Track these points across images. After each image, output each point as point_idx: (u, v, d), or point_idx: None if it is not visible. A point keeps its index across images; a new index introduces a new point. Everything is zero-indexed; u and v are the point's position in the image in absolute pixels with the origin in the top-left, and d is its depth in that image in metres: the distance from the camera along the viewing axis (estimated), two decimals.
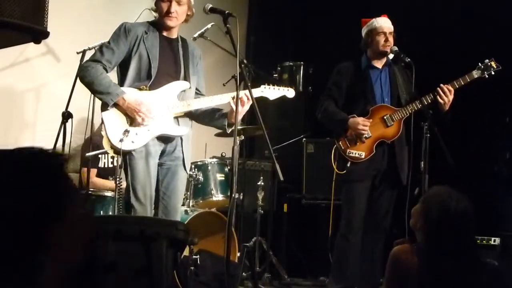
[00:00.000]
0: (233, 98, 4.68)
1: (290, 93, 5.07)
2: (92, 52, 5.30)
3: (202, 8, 4.55)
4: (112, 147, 4.60)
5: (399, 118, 5.48)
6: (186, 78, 4.83)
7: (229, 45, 4.55)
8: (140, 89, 4.66)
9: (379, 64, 5.67)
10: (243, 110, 4.66)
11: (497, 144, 6.89)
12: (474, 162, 6.72)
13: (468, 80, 5.47)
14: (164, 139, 4.75)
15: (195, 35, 5.45)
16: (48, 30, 4.81)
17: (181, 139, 4.82)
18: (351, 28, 6.17)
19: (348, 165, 5.44)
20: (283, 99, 5.12)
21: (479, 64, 5.51)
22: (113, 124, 4.59)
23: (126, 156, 4.61)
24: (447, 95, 5.36)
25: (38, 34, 3.69)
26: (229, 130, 4.91)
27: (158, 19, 4.80)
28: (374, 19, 5.67)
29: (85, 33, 6.28)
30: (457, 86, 5.43)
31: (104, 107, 4.61)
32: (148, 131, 4.63)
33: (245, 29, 8.50)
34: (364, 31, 5.71)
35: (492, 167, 6.80)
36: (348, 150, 5.44)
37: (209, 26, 5.41)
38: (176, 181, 4.82)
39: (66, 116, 5.23)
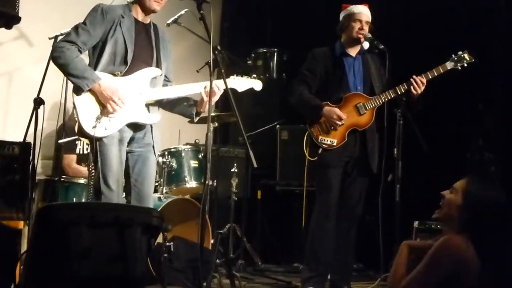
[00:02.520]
0: (205, 87, 4.68)
1: (257, 85, 5.06)
2: None
3: None
4: (85, 133, 4.55)
5: (372, 106, 5.49)
6: (159, 64, 4.80)
7: (203, 32, 4.53)
8: (114, 75, 4.61)
9: (353, 52, 5.67)
10: (213, 99, 4.62)
11: (470, 131, 6.94)
12: (447, 148, 6.77)
13: (441, 71, 5.51)
14: (134, 126, 4.72)
15: (169, 21, 5.43)
16: (21, 14, 4.78)
17: (151, 125, 4.80)
18: (326, 15, 6.19)
19: (319, 151, 5.45)
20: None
21: (453, 55, 5.55)
22: (86, 110, 4.53)
23: (97, 142, 4.56)
24: (420, 86, 5.41)
25: (10, 19, 3.66)
26: (196, 119, 4.91)
27: (138, 2, 4.74)
28: (354, 5, 5.66)
29: (58, 18, 6.23)
30: (430, 77, 5.47)
31: (77, 91, 4.54)
32: (121, 118, 4.59)
33: (220, 15, 8.49)
34: (342, 15, 5.70)
35: (464, 154, 6.84)
36: (320, 137, 5.45)
37: (182, 12, 5.39)
38: (148, 167, 4.79)
39: (38, 102, 5.16)
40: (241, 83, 4.96)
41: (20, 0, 5.00)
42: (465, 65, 5.54)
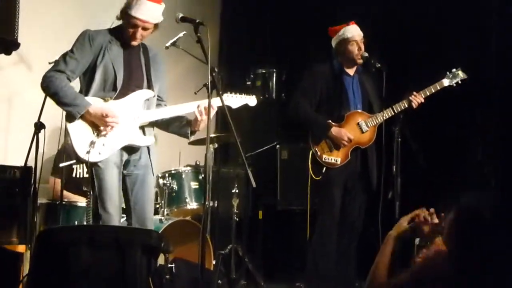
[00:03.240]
0: (198, 106, 4.70)
1: (252, 101, 5.10)
2: None
3: (173, 17, 4.56)
4: (80, 159, 4.58)
5: (374, 124, 5.56)
6: (150, 86, 4.81)
7: (201, 53, 4.57)
8: (105, 100, 4.63)
9: (351, 71, 5.74)
10: (206, 119, 4.63)
11: (468, 147, 6.95)
12: (446, 165, 6.78)
13: (438, 88, 5.59)
14: (129, 149, 4.73)
15: (167, 44, 5.46)
16: (20, 39, 4.83)
17: (147, 147, 4.81)
18: (323, 35, 6.22)
19: (324, 170, 5.47)
20: (256, 105, 5.15)
21: (448, 73, 5.63)
22: (79, 136, 4.56)
23: (93, 166, 4.58)
24: (418, 103, 5.48)
25: (9, 45, 3.70)
26: (191, 138, 4.94)
27: (123, 31, 4.76)
28: (343, 28, 5.71)
29: (57, 43, 6.23)
30: (428, 94, 5.54)
31: (70, 119, 4.58)
32: (114, 142, 4.61)
33: (218, 36, 8.52)
34: (335, 41, 5.75)
35: (463, 170, 6.86)
36: (324, 156, 5.49)
37: (181, 35, 5.42)
38: (146, 189, 4.80)
39: (39, 126, 5.21)
40: (235, 100, 4.99)
41: (19, 25, 5.06)
42: (459, 82, 5.62)
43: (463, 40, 6.88)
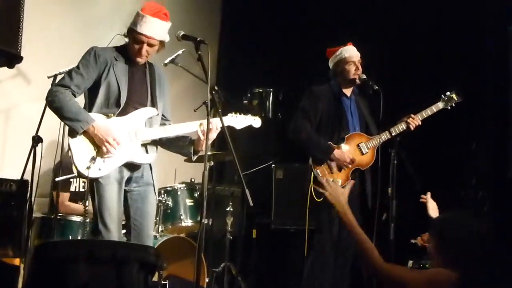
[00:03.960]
0: (200, 125, 4.72)
1: (256, 122, 5.12)
2: None
3: (174, 34, 4.58)
4: (80, 174, 4.59)
5: (373, 146, 5.60)
6: (154, 104, 4.83)
7: (200, 71, 4.58)
8: (108, 116, 4.65)
9: (348, 92, 5.77)
10: (210, 137, 4.65)
11: (463, 170, 6.99)
12: (441, 187, 6.80)
13: (435, 110, 5.65)
14: (131, 166, 4.74)
15: (166, 61, 5.48)
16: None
17: (150, 164, 4.82)
18: (320, 55, 6.25)
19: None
20: (252, 126, 5.16)
21: (442, 96, 5.69)
22: (81, 151, 4.57)
23: (93, 182, 4.59)
24: (416, 125, 5.53)
25: (12, 58, 3.71)
26: (194, 158, 4.93)
27: (128, 48, 4.80)
28: (341, 49, 5.75)
29: (56, 57, 6.28)
30: (425, 116, 5.60)
31: (72, 134, 4.58)
32: (115, 159, 4.62)
33: (216, 55, 8.56)
34: (332, 62, 5.79)
35: (458, 193, 6.89)
36: (325, 178, 5.48)
37: (180, 52, 5.45)
38: (147, 207, 4.81)
39: (37, 140, 5.21)
40: (239, 121, 5.01)
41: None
42: (454, 105, 5.68)
43: (458, 63, 6.93)
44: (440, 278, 3.26)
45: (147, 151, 4.79)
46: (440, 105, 5.73)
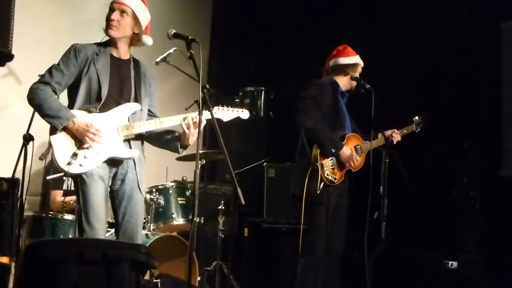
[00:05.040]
0: (184, 119, 4.70)
1: (244, 114, 5.06)
2: None
3: (165, 33, 4.57)
4: (60, 170, 4.54)
5: (366, 150, 5.63)
6: (137, 99, 4.77)
7: (192, 70, 4.55)
8: (89, 112, 4.59)
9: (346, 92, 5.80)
10: (196, 132, 4.65)
11: (455, 169, 7.01)
12: (432, 186, 6.83)
13: (410, 131, 5.93)
14: (114, 162, 4.68)
15: (158, 60, 5.48)
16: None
17: (134, 162, 4.76)
18: (311, 53, 6.26)
19: (321, 186, 5.45)
20: (244, 123, 5.15)
21: (414, 119, 5.97)
22: (61, 148, 4.51)
23: (77, 179, 4.55)
24: (398, 140, 5.71)
25: (3, 56, 3.70)
26: (182, 152, 4.88)
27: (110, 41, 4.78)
28: (357, 55, 5.77)
29: (47, 56, 6.21)
30: (404, 134, 5.86)
31: (53, 131, 4.55)
32: (97, 154, 4.56)
33: (207, 54, 8.56)
34: (350, 59, 5.75)
35: (450, 191, 6.91)
36: (326, 172, 5.49)
37: (171, 51, 5.45)
38: (134, 205, 4.75)
39: (28, 138, 5.20)
40: (226, 113, 4.96)
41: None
42: (421, 126, 5.84)
43: (451, 61, 6.95)
44: None
45: (130, 146, 4.73)
46: (413, 127, 5.98)
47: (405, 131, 5.86)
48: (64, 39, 6.48)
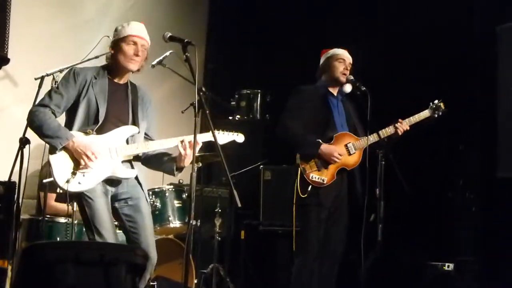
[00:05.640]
0: (181, 142, 4.71)
1: (239, 138, 5.11)
2: (50, 78, 5.32)
3: (161, 36, 4.57)
4: (59, 188, 4.58)
5: (361, 147, 5.59)
6: (135, 123, 4.81)
7: (187, 73, 4.56)
8: (86, 133, 4.63)
9: (335, 92, 5.76)
10: (190, 154, 4.65)
11: (451, 171, 7.02)
12: (429, 189, 6.84)
13: (422, 118, 5.68)
14: (113, 182, 4.72)
15: (154, 63, 5.49)
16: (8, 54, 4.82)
17: (138, 180, 4.82)
18: (308, 56, 6.27)
19: (309, 189, 5.48)
20: (241, 126, 5.17)
21: (430, 103, 5.72)
22: (60, 167, 4.56)
23: (80, 198, 4.59)
24: (403, 131, 5.56)
25: None
26: (177, 175, 4.91)
27: (114, 63, 4.79)
28: (334, 49, 5.77)
29: (43, 59, 6.27)
30: (413, 122, 5.63)
31: (52, 151, 4.58)
32: (95, 174, 4.60)
33: (203, 56, 8.56)
34: (323, 58, 5.79)
35: (446, 194, 6.92)
36: (311, 174, 5.49)
37: (167, 53, 5.45)
38: (143, 219, 4.76)
39: (24, 142, 5.20)
40: (222, 137, 4.99)
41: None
42: (441, 113, 5.72)
43: (447, 64, 6.97)
44: None
45: (132, 167, 4.79)
46: (426, 113, 5.76)
47: (415, 118, 5.73)
48: (60, 41, 6.53)
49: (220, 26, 8.85)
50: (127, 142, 4.76)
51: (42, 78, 5.52)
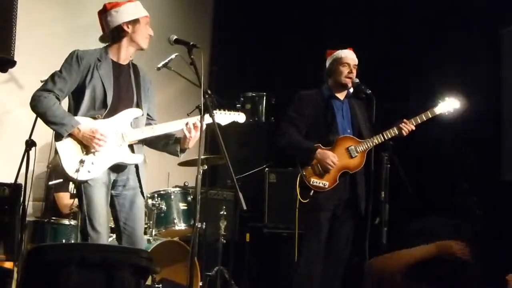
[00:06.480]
0: (186, 124, 4.74)
1: (240, 117, 5.11)
2: None
3: (166, 38, 4.59)
4: (68, 177, 4.57)
5: (363, 149, 5.58)
6: (139, 104, 4.82)
7: (193, 75, 4.58)
8: (94, 118, 4.63)
9: (340, 95, 5.76)
10: (196, 136, 4.70)
11: (454, 174, 7.01)
12: (432, 192, 6.82)
13: (430, 116, 5.65)
14: (118, 168, 4.72)
15: (159, 65, 5.48)
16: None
17: (136, 167, 4.80)
18: (312, 59, 6.27)
19: (311, 193, 5.49)
20: (245, 128, 5.17)
21: (440, 101, 5.69)
22: (68, 154, 4.54)
23: (81, 185, 4.57)
24: (409, 130, 5.54)
25: (5, 63, 3.72)
26: (181, 156, 4.94)
27: (125, 42, 4.80)
28: (340, 50, 5.76)
29: (48, 61, 6.24)
30: (419, 122, 5.60)
31: (58, 138, 4.57)
32: (104, 160, 4.60)
33: (208, 59, 8.57)
34: (328, 61, 5.79)
35: (449, 198, 6.90)
36: (312, 179, 5.49)
37: (173, 56, 5.45)
38: (136, 210, 4.78)
39: (30, 144, 5.22)
40: (224, 117, 5.01)
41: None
42: (452, 111, 5.67)
43: (450, 66, 6.95)
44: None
45: (133, 151, 4.77)
46: (436, 110, 5.72)
47: (421, 117, 5.68)
48: (64, 43, 6.54)
49: (225, 28, 8.86)
50: (131, 125, 4.76)
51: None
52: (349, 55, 5.72)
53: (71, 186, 6.26)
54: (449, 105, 5.72)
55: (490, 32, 6.81)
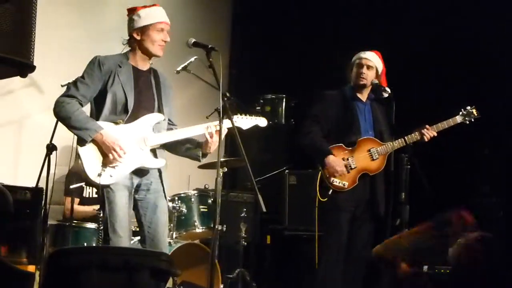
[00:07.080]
0: (207, 128, 4.74)
1: (262, 122, 5.11)
2: None
3: (184, 41, 4.60)
4: (91, 182, 4.62)
5: (385, 152, 5.58)
6: (160, 109, 4.84)
7: (212, 78, 4.59)
8: (116, 123, 4.66)
9: (363, 97, 5.76)
10: (217, 140, 4.68)
11: (476, 177, 6.96)
12: (454, 194, 6.78)
13: (452, 124, 5.67)
14: (140, 172, 4.75)
15: (178, 68, 5.52)
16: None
17: (159, 171, 4.83)
18: (333, 61, 6.26)
19: (330, 192, 5.49)
20: (265, 131, 5.17)
21: (462, 110, 5.71)
22: (91, 159, 4.58)
23: (104, 189, 4.60)
24: (431, 136, 5.53)
25: (25, 68, 3.74)
26: (202, 160, 4.96)
27: (139, 50, 4.81)
28: (362, 51, 5.76)
29: (68, 66, 6.30)
30: (441, 128, 5.60)
31: (81, 143, 4.60)
32: (125, 165, 4.63)
33: (227, 61, 8.58)
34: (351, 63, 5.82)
35: (472, 200, 6.85)
36: (332, 179, 5.50)
37: (192, 59, 5.48)
38: (159, 214, 4.80)
39: (51, 148, 5.25)
40: (245, 121, 5.01)
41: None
42: (473, 120, 5.69)
43: (471, 68, 6.92)
44: None
45: (156, 156, 4.80)
46: (458, 119, 5.73)
47: (443, 125, 5.69)
48: (84, 48, 6.58)
49: (243, 30, 8.87)
50: (153, 130, 4.77)
51: (68, 85, 5.56)
52: (365, 56, 5.71)
53: (88, 191, 6.31)
54: (470, 115, 5.74)
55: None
